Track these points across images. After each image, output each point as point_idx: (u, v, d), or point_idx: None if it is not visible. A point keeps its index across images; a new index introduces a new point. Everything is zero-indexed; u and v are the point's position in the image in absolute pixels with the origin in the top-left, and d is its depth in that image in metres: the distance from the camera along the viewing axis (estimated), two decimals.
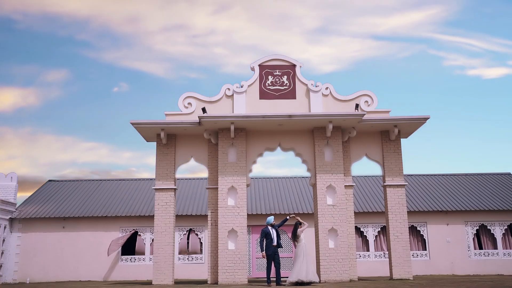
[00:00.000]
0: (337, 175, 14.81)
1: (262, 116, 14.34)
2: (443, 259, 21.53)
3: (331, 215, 14.54)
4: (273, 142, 15.33)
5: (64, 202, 23.32)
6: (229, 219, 14.49)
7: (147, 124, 14.85)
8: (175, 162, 15.48)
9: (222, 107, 15.33)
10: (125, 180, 26.39)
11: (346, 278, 14.09)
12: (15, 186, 22.82)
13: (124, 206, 22.69)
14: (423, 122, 14.97)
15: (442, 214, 22.08)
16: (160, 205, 15.17)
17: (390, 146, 15.60)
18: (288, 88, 15.45)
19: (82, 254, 21.47)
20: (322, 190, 14.73)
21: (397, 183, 15.30)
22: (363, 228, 22.05)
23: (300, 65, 15.56)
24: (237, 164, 14.89)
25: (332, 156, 15.01)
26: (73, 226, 21.86)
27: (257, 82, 15.49)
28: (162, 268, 14.72)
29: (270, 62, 15.60)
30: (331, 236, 14.47)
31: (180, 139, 15.68)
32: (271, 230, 13.00)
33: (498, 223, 22.09)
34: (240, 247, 14.34)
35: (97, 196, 23.94)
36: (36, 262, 21.38)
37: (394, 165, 15.44)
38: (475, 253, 21.80)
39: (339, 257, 14.27)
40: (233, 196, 14.75)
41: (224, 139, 15.03)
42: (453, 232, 21.88)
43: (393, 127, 15.14)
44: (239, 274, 14.15)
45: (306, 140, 15.33)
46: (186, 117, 15.20)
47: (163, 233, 14.93)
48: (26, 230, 21.76)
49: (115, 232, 21.78)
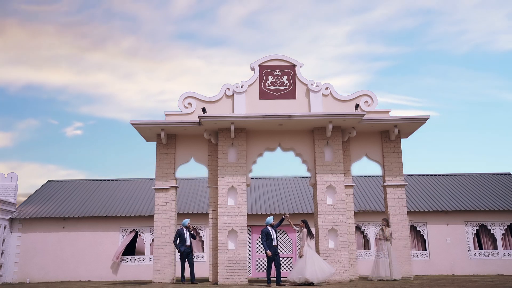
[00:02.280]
0: (337, 175, 14.82)
1: (262, 116, 14.34)
2: (443, 259, 21.53)
3: (331, 215, 14.55)
4: (273, 142, 15.33)
5: (64, 202, 23.32)
6: (229, 219, 14.50)
7: (147, 124, 14.86)
8: (175, 162, 15.49)
9: (222, 107, 15.33)
10: (125, 180, 26.39)
11: (346, 278, 14.09)
12: (15, 186, 22.82)
13: (124, 206, 22.70)
14: (423, 122, 14.97)
15: (442, 214, 22.08)
16: (160, 205, 15.18)
17: (390, 146, 15.61)
18: (288, 88, 15.45)
19: (82, 254, 21.47)
20: (322, 190, 14.73)
21: (397, 183, 15.31)
22: (364, 227, 22.06)
23: (300, 65, 15.57)
24: (237, 164, 14.89)
25: (332, 156, 15.01)
26: (73, 226, 21.86)
27: (257, 82, 15.49)
28: (162, 268, 14.74)
29: (270, 62, 15.60)
30: (331, 236, 14.47)
31: (180, 139, 15.68)
32: (271, 230, 13.08)
33: (498, 223, 22.09)
34: (240, 247, 14.34)
35: (97, 196, 23.94)
36: (36, 262, 21.38)
37: (394, 165, 15.45)
38: (475, 253, 21.80)
39: (339, 257, 14.27)
40: (233, 196, 14.75)
41: (224, 139, 15.04)
42: (453, 232, 21.88)
43: (393, 127, 15.14)
44: (239, 274, 14.15)
45: (306, 140, 15.33)
46: (186, 117, 15.21)
47: (163, 233, 14.94)
48: (26, 230, 21.75)
49: (115, 232, 21.78)
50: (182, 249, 14.13)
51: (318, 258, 12.89)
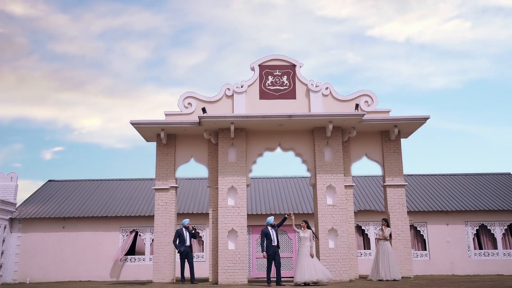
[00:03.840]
0: (337, 175, 14.82)
1: (262, 116, 14.34)
2: (443, 259, 21.53)
3: (331, 215, 14.55)
4: (273, 142, 15.34)
5: (64, 202, 23.32)
6: (229, 219, 14.50)
7: (147, 124, 14.86)
8: (175, 162, 15.49)
9: (222, 107, 15.33)
10: (125, 180, 26.38)
11: (346, 278, 14.09)
12: (15, 186, 22.82)
13: (124, 206, 22.69)
14: (423, 122, 14.97)
15: (442, 214, 22.08)
16: (160, 205, 15.18)
17: (390, 146, 15.61)
18: (288, 88, 15.45)
19: (82, 254, 21.47)
20: (322, 190, 14.73)
21: (397, 183, 15.31)
22: (364, 226, 22.05)
23: (300, 65, 15.57)
24: (237, 164, 14.90)
25: (332, 156, 15.01)
26: (73, 226, 21.86)
27: (257, 82, 15.49)
28: (162, 267, 14.74)
29: (270, 62, 15.61)
30: (331, 236, 14.47)
31: (180, 139, 15.69)
32: (271, 230, 13.07)
33: (498, 223, 22.08)
34: (240, 247, 14.34)
35: (97, 196, 23.94)
36: (36, 262, 21.38)
37: (394, 165, 15.45)
38: (475, 253, 21.80)
39: (339, 257, 14.28)
40: (233, 196, 14.75)
41: (224, 139, 15.04)
42: (453, 232, 21.88)
43: (393, 127, 15.15)
44: (239, 274, 14.16)
45: (306, 140, 15.33)
46: (186, 117, 15.21)
47: (163, 233, 14.95)
48: (26, 230, 21.75)
49: (115, 232, 21.77)
50: (182, 249, 14.16)
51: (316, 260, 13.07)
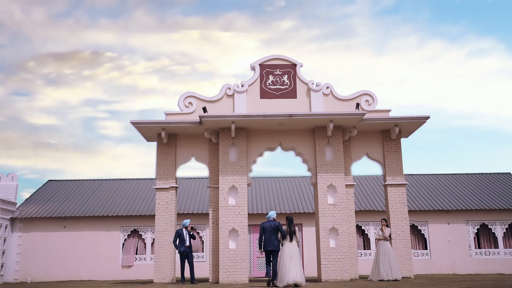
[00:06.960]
0: (337, 174, 14.81)
1: (262, 116, 14.33)
2: (444, 258, 21.53)
3: (332, 214, 14.54)
4: (273, 142, 15.33)
5: (65, 201, 23.34)
6: (230, 219, 14.50)
7: (148, 124, 14.86)
8: (175, 161, 15.49)
9: (222, 107, 15.33)
10: (126, 179, 26.40)
11: (347, 277, 14.09)
12: (15, 186, 22.83)
13: (125, 206, 22.71)
14: (424, 122, 14.96)
15: (443, 213, 22.08)
16: (160, 205, 15.18)
17: (391, 145, 15.60)
18: (288, 88, 15.45)
19: (83, 253, 21.49)
20: (323, 190, 14.73)
21: (398, 182, 15.31)
22: (364, 227, 22.05)
23: (300, 65, 15.56)
24: (238, 164, 14.89)
25: (332, 155, 15.01)
26: (74, 225, 21.88)
27: (257, 81, 15.48)
28: (163, 267, 14.75)
29: (270, 62, 15.60)
30: (332, 236, 14.47)
31: (181, 139, 15.68)
32: (269, 225, 12.71)
33: (499, 222, 22.08)
34: (241, 246, 14.35)
35: (97, 196, 23.96)
36: (37, 261, 21.40)
37: (395, 165, 15.44)
38: (476, 252, 21.80)
39: (340, 256, 14.27)
40: (234, 195, 14.75)
41: (224, 139, 15.03)
42: (454, 231, 21.88)
43: (394, 126, 15.14)
44: (240, 274, 14.16)
45: (306, 140, 15.32)
46: (187, 116, 15.21)
47: (164, 232, 14.95)
48: (27, 230, 21.77)
49: (116, 231, 21.79)
50: (182, 249, 14.19)
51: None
